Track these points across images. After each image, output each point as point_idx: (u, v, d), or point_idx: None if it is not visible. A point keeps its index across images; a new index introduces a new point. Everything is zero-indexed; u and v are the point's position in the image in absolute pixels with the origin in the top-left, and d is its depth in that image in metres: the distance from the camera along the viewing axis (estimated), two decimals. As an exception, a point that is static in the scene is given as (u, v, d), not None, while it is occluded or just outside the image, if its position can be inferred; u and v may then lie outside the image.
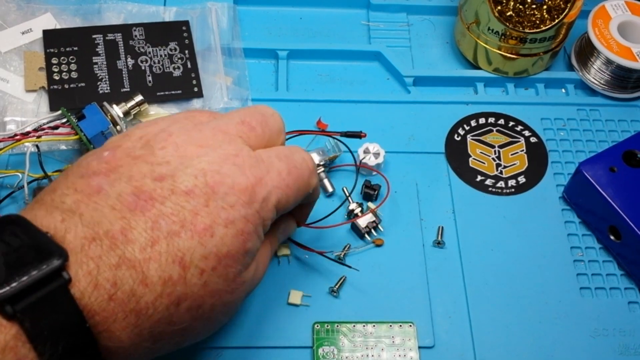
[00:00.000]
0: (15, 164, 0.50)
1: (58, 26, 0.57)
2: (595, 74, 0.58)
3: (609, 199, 0.48)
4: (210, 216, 0.33)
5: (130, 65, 0.55)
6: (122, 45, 0.56)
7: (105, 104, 0.50)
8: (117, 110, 0.51)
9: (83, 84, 0.54)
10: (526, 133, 0.56)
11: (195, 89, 0.55)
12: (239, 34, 0.60)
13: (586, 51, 0.58)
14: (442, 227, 0.50)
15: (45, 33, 0.56)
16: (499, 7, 0.54)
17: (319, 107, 0.55)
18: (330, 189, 0.51)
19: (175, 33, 0.57)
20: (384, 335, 0.45)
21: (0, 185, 0.50)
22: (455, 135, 0.55)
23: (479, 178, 0.53)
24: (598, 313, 0.47)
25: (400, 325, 0.45)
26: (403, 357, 0.44)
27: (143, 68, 0.55)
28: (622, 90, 0.58)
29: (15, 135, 0.48)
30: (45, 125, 0.49)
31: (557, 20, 0.54)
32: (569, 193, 0.52)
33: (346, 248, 0.48)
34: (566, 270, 0.49)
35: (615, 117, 0.57)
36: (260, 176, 0.36)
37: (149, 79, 0.54)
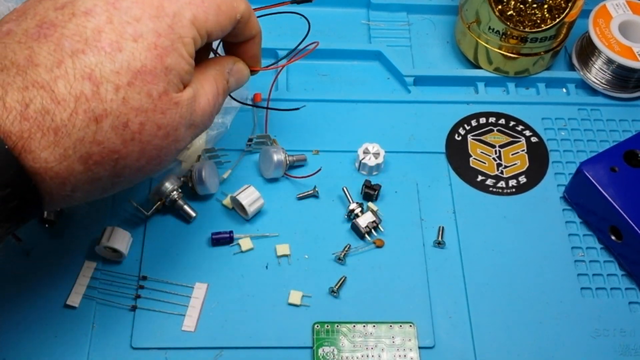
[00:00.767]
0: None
1: (57, 25, 0.57)
2: (596, 74, 0.58)
3: (610, 199, 0.48)
4: (115, 32, 0.34)
5: (129, 65, 0.55)
6: (122, 44, 0.55)
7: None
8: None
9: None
10: (527, 133, 0.55)
11: None
12: (239, 34, 0.59)
13: (587, 51, 0.58)
14: (443, 227, 0.50)
15: (45, 32, 0.56)
16: (500, 7, 0.54)
17: (319, 107, 0.55)
18: (193, 214, 0.49)
19: (174, 32, 0.57)
20: (384, 335, 0.45)
21: None
22: (456, 135, 0.55)
23: (480, 178, 0.53)
24: (599, 313, 0.47)
25: (401, 326, 0.45)
26: (403, 358, 0.44)
27: (142, 67, 0.55)
28: (623, 90, 0.57)
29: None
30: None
31: (558, 20, 0.54)
32: (570, 193, 0.52)
33: (346, 248, 0.48)
34: (567, 270, 0.49)
35: (616, 117, 0.57)
36: None
37: (149, 78, 0.54)
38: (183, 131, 0.38)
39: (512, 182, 0.53)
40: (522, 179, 0.53)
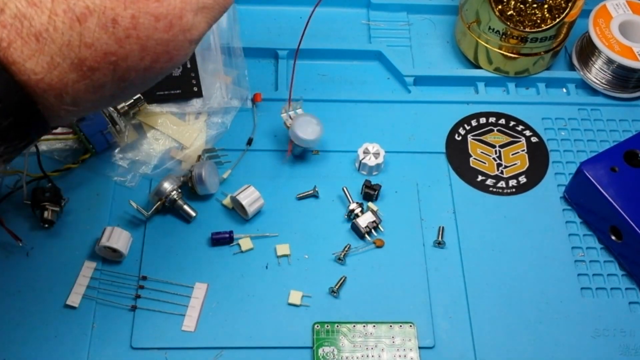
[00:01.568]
0: (14, 164, 0.50)
1: (57, 25, 0.57)
2: (597, 74, 0.58)
3: (610, 199, 0.47)
4: None
5: (129, 65, 0.55)
6: (122, 44, 0.55)
7: (104, 103, 0.50)
8: (117, 109, 0.50)
9: (82, 84, 0.53)
10: (527, 133, 0.55)
11: (195, 89, 0.54)
12: (239, 34, 0.59)
13: (587, 51, 0.58)
14: (443, 227, 0.50)
15: (45, 32, 0.55)
16: (500, 7, 0.54)
17: (319, 107, 0.55)
18: (193, 214, 0.49)
19: (174, 32, 0.57)
20: (384, 335, 0.45)
21: (-1, 185, 0.50)
22: (456, 135, 0.55)
23: (480, 178, 0.53)
24: (599, 313, 0.47)
25: (401, 326, 0.45)
26: (403, 358, 0.44)
27: (142, 67, 0.55)
28: (624, 90, 0.57)
29: (14, 134, 0.48)
30: (44, 125, 0.49)
31: (558, 20, 0.54)
32: (570, 193, 0.52)
33: (346, 248, 0.48)
34: (567, 270, 0.49)
35: (617, 117, 0.57)
36: None
37: (149, 78, 0.54)
38: (191, 17, 0.34)
39: (512, 182, 0.53)
40: (522, 179, 0.53)
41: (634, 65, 0.55)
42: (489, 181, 0.53)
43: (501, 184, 0.53)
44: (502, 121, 0.56)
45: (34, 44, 0.30)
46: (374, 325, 0.45)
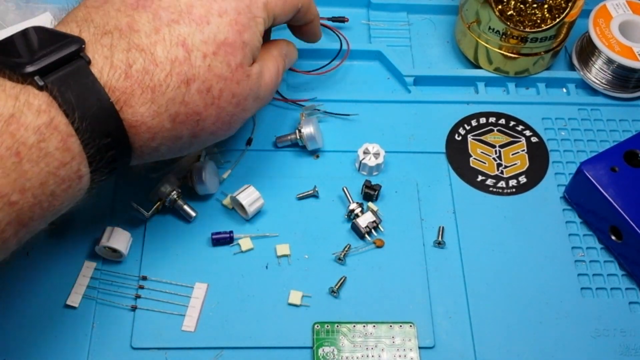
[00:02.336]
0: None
1: (57, 25, 0.57)
2: (597, 74, 0.58)
3: (610, 199, 0.47)
4: (203, 7, 0.39)
5: (129, 65, 0.55)
6: (122, 44, 0.56)
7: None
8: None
9: (82, 84, 0.53)
10: (527, 133, 0.55)
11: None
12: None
13: (587, 51, 0.58)
14: (443, 227, 0.50)
15: (45, 32, 0.56)
16: (500, 7, 0.54)
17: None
18: (193, 214, 0.49)
19: (174, 32, 0.57)
20: (384, 335, 0.45)
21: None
22: (456, 135, 0.55)
23: (480, 178, 0.53)
24: (599, 313, 0.47)
25: (401, 326, 0.45)
26: (403, 358, 0.44)
27: (142, 67, 0.55)
28: (624, 90, 0.57)
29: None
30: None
31: (558, 20, 0.54)
32: (570, 193, 0.52)
33: (346, 248, 0.48)
34: (567, 270, 0.49)
35: (617, 117, 0.57)
36: None
37: (149, 78, 0.54)
38: (250, 102, 0.43)
39: (512, 182, 0.53)
40: (522, 179, 0.53)
41: (634, 65, 0.55)
42: (489, 181, 0.53)
43: (501, 184, 0.53)
44: (502, 121, 0.56)
45: (150, 94, 0.37)
46: (374, 325, 0.45)
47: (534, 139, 0.55)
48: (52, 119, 0.34)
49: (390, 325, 0.45)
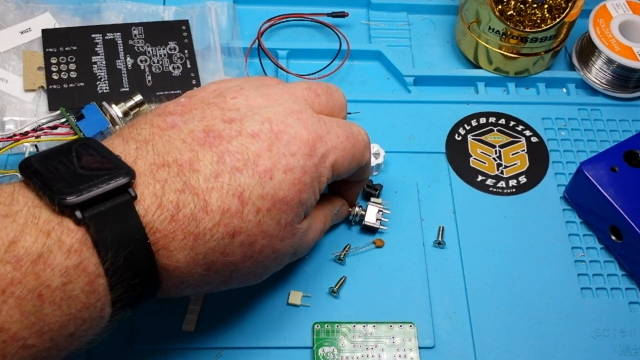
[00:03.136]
0: (14, 164, 0.50)
1: (57, 25, 0.57)
2: (597, 74, 0.58)
3: (610, 199, 0.47)
4: (271, 160, 0.36)
5: (129, 65, 0.55)
6: (122, 44, 0.56)
7: (104, 103, 0.50)
8: (117, 110, 0.50)
9: (82, 84, 0.53)
10: (527, 133, 0.55)
11: (195, 89, 0.54)
12: (239, 34, 0.60)
13: (587, 51, 0.58)
14: (443, 227, 0.50)
15: (44, 32, 0.56)
16: (500, 7, 0.54)
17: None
18: None
19: (174, 32, 0.57)
20: (384, 335, 0.45)
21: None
22: (456, 135, 0.55)
23: (480, 178, 0.53)
24: (599, 313, 0.47)
25: (401, 326, 0.45)
26: (403, 358, 0.44)
27: (142, 68, 0.55)
28: (624, 90, 0.57)
29: (14, 135, 0.48)
30: (44, 125, 0.49)
31: (558, 20, 0.54)
32: (570, 193, 0.52)
33: (346, 248, 0.48)
34: (567, 270, 0.49)
35: (617, 117, 0.57)
36: (321, 134, 0.38)
37: (149, 78, 0.54)
38: (287, 257, 0.41)
39: (512, 182, 0.53)
40: (522, 179, 0.53)
41: (634, 65, 0.55)
42: (489, 181, 0.53)
43: (501, 184, 0.53)
44: (502, 121, 0.56)
45: (191, 241, 0.34)
46: (374, 325, 0.45)
47: (534, 139, 0.55)
48: (83, 260, 0.31)
49: (390, 325, 0.45)
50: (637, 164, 0.49)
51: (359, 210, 0.49)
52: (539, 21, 0.54)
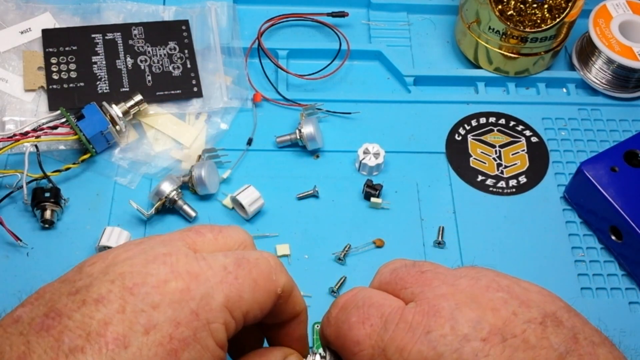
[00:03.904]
0: (14, 164, 0.50)
1: (57, 25, 0.57)
2: (597, 74, 0.58)
3: (610, 199, 0.47)
4: (124, 323, 0.29)
5: (129, 65, 0.55)
6: (122, 44, 0.56)
7: (104, 103, 0.50)
8: (117, 110, 0.51)
9: (82, 84, 0.53)
10: (527, 133, 0.55)
11: (195, 89, 0.54)
12: (239, 33, 0.60)
13: (587, 50, 0.58)
14: (443, 227, 0.50)
15: (44, 32, 0.56)
16: (500, 7, 0.54)
17: (319, 107, 0.55)
18: (193, 214, 0.49)
19: (174, 32, 0.57)
20: (384, 335, 0.45)
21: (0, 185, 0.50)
22: (456, 135, 0.55)
23: (480, 178, 0.53)
24: (599, 313, 0.47)
25: (401, 326, 0.45)
26: (403, 358, 0.44)
27: (142, 67, 0.55)
28: (624, 90, 0.57)
29: (14, 135, 0.48)
30: (44, 125, 0.49)
31: (558, 20, 0.54)
32: (570, 193, 0.52)
33: (346, 248, 0.48)
34: (567, 270, 0.49)
35: (617, 117, 0.57)
36: (198, 272, 0.31)
37: (149, 78, 0.54)
38: None
39: (512, 182, 0.53)
40: (522, 179, 0.53)
41: (634, 65, 0.55)
42: (489, 181, 0.53)
43: (501, 184, 0.53)
44: (502, 121, 0.56)
45: None
46: (374, 325, 0.45)
47: (534, 139, 0.55)
48: None
49: (390, 325, 0.45)
50: (637, 164, 0.49)
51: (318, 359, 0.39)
52: (539, 21, 0.54)
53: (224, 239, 0.34)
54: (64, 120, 0.49)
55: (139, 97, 0.51)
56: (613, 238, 0.49)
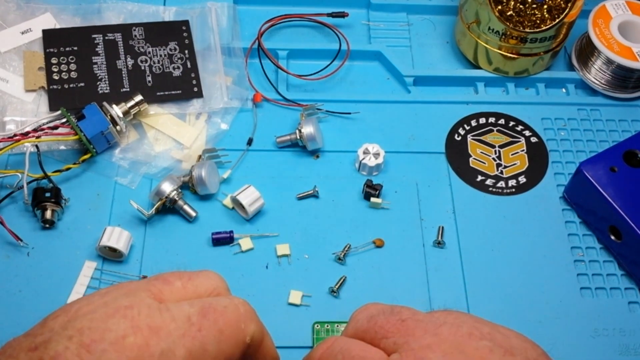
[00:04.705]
0: (14, 164, 0.50)
1: (58, 26, 0.57)
2: (596, 74, 0.58)
3: (610, 199, 0.48)
4: None
5: (130, 65, 0.55)
6: (122, 45, 0.56)
7: (104, 104, 0.50)
8: (117, 110, 0.51)
9: (82, 84, 0.54)
10: (527, 133, 0.55)
11: (195, 89, 0.55)
12: (239, 34, 0.60)
13: (587, 51, 0.58)
14: (443, 227, 0.50)
15: (45, 33, 0.56)
16: (500, 7, 0.54)
17: (319, 107, 0.55)
18: (193, 214, 0.49)
19: (175, 33, 0.57)
20: (384, 335, 0.45)
21: (0, 185, 0.50)
22: (456, 135, 0.55)
23: (480, 178, 0.53)
24: (598, 313, 0.47)
25: (401, 326, 0.45)
26: (403, 358, 0.44)
27: (143, 68, 0.55)
28: (623, 90, 0.57)
29: (15, 135, 0.48)
30: (44, 126, 0.49)
31: (558, 20, 0.54)
32: (570, 193, 0.52)
33: (346, 248, 0.48)
34: (567, 270, 0.49)
35: (616, 117, 0.57)
36: (159, 326, 0.29)
37: (149, 78, 0.54)
38: None
39: (512, 182, 0.53)
40: (522, 179, 0.53)
41: (633, 65, 0.55)
42: (489, 181, 0.53)
43: (501, 184, 0.53)
44: (502, 121, 0.56)
45: None
46: (374, 325, 0.45)
47: (533, 139, 0.55)
48: None
49: (390, 325, 0.45)
50: (636, 164, 0.49)
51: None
52: (538, 21, 0.54)
53: (194, 286, 0.33)
54: (64, 120, 0.49)
55: (139, 98, 0.51)
56: (612, 238, 0.49)
